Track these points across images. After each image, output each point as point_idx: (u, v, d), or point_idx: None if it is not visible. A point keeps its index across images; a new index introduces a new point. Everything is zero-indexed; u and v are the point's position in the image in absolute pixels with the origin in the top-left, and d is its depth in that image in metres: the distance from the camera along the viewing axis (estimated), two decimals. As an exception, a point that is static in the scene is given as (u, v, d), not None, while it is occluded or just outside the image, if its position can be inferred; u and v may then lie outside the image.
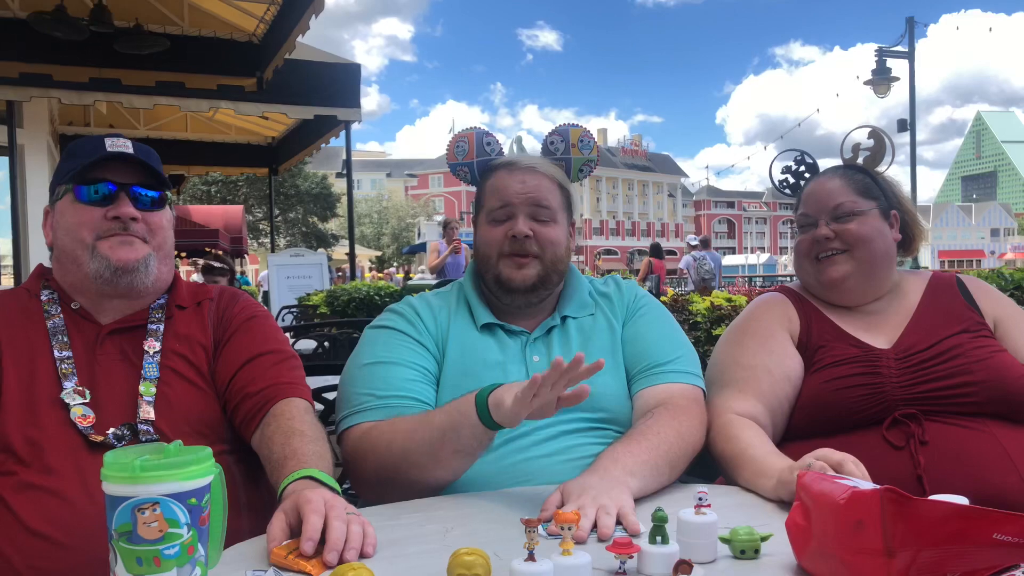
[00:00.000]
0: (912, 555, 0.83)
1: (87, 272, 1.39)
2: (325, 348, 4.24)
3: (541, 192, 1.53)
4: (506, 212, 1.54)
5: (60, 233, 1.42)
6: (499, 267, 1.53)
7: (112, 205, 1.39)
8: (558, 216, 1.56)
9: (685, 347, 1.59)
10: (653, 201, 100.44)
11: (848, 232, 1.62)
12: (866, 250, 1.62)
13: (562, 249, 1.56)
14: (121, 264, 1.38)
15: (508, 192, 1.54)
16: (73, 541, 1.22)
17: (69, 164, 1.42)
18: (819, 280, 1.66)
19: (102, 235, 1.39)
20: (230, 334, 1.48)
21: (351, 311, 6.43)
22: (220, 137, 10.36)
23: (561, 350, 1.53)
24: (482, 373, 1.47)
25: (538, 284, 1.53)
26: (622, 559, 0.91)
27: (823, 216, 1.65)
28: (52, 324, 1.39)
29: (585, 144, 1.65)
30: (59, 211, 1.43)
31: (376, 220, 60.11)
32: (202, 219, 17.87)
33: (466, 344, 1.53)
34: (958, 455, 1.40)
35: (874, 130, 1.79)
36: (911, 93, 14.89)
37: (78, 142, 1.48)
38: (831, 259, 1.63)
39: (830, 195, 1.66)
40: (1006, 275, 3.95)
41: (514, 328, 1.56)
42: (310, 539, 1.00)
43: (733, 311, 2.98)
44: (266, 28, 6.71)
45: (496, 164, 1.61)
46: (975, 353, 1.50)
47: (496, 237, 1.54)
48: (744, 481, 1.34)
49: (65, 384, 1.33)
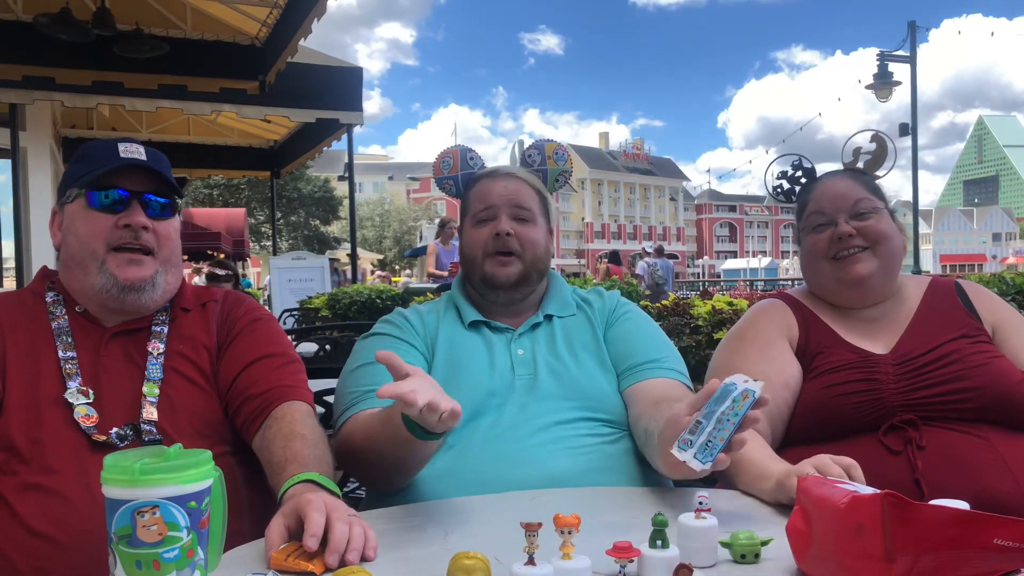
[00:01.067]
0: (912, 560, 0.82)
1: (93, 284, 1.40)
2: (326, 351, 4.24)
3: (521, 195, 1.65)
4: (489, 213, 1.64)
5: (70, 239, 1.42)
6: (484, 265, 1.63)
7: (124, 212, 1.40)
8: (537, 219, 1.67)
9: (670, 348, 1.66)
10: (655, 205, 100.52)
11: (870, 229, 1.60)
12: (888, 246, 1.61)
13: (541, 249, 1.66)
14: (128, 283, 1.39)
15: (491, 195, 1.65)
16: (75, 541, 1.22)
17: (82, 167, 1.42)
18: (840, 279, 1.62)
19: (112, 246, 1.39)
20: (234, 336, 1.49)
21: (353, 314, 6.44)
22: (222, 140, 10.39)
23: (546, 344, 1.61)
24: (469, 366, 1.55)
25: (520, 281, 1.63)
26: (622, 563, 0.91)
27: (842, 214, 1.62)
28: (57, 325, 1.39)
29: (559, 156, 1.79)
30: (69, 215, 1.43)
31: (378, 223, 60.21)
32: (204, 222, 17.90)
33: (454, 340, 1.61)
34: (954, 460, 1.39)
35: (876, 134, 1.78)
36: (913, 97, 14.91)
37: (90, 145, 1.48)
38: (854, 257, 1.60)
39: (848, 192, 1.64)
40: (1008, 279, 3.95)
41: (500, 325, 1.65)
42: (313, 535, 1.00)
43: (735, 315, 2.99)
44: (268, 31, 6.73)
45: (479, 174, 1.73)
46: (973, 359, 1.49)
47: (481, 237, 1.64)
48: (743, 485, 1.34)
49: (69, 384, 1.33)
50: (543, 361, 1.58)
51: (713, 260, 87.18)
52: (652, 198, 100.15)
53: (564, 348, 1.61)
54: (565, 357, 1.59)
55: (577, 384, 1.55)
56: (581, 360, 1.59)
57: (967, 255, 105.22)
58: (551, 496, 1.31)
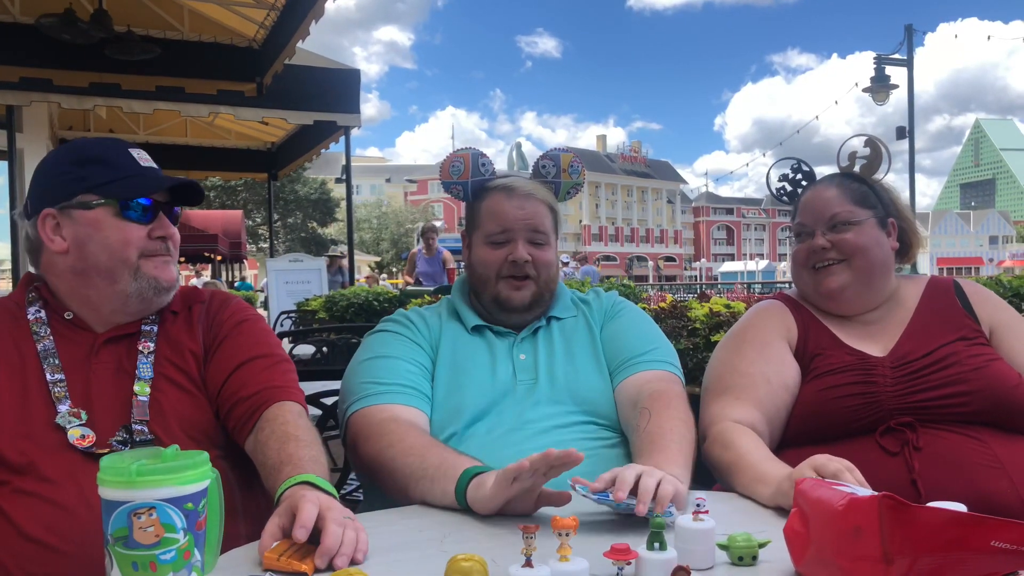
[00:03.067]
0: (910, 562, 0.83)
1: (124, 290, 1.38)
2: (324, 353, 4.24)
3: (538, 218, 1.63)
4: (505, 236, 1.62)
5: (94, 248, 1.37)
6: (498, 288, 1.62)
7: (156, 223, 1.41)
8: (551, 239, 1.66)
9: (660, 340, 1.67)
10: (652, 207, 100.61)
11: (844, 242, 1.62)
12: (863, 260, 1.62)
13: (554, 269, 1.67)
14: (168, 284, 1.41)
15: (507, 218, 1.62)
16: (70, 548, 1.21)
17: (98, 174, 1.38)
18: (817, 290, 1.66)
19: (144, 253, 1.39)
20: (221, 340, 1.47)
21: (350, 316, 6.42)
22: (220, 142, 10.37)
23: (545, 349, 1.62)
24: (472, 371, 1.56)
25: (534, 303, 1.64)
26: (620, 565, 0.91)
27: (819, 226, 1.64)
28: (43, 347, 1.36)
29: (574, 169, 1.75)
30: (90, 223, 1.37)
31: (375, 226, 60.15)
32: (201, 224, 17.89)
33: (457, 345, 1.62)
34: (951, 461, 1.40)
35: (870, 138, 1.78)
36: (910, 100, 14.95)
37: (95, 147, 1.43)
38: (828, 269, 1.63)
39: (826, 205, 1.65)
40: (1004, 282, 3.95)
41: (502, 330, 1.65)
42: (303, 526, 1.00)
43: (732, 317, 2.98)
44: (266, 33, 6.72)
45: (493, 186, 1.69)
46: (970, 362, 1.50)
47: (496, 260, 1.62)
48: (741, 488, 1.34)
49: (59, 408, 1.31)
50: (544, 366, 1.59)
51: (710, 263, 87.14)
52: (649, 201, 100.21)
53: (564, 352, 1.62)
54: (565, 361, 1.60)
55: (577, 389, 1.56)
56: (580, 364, 1.60)
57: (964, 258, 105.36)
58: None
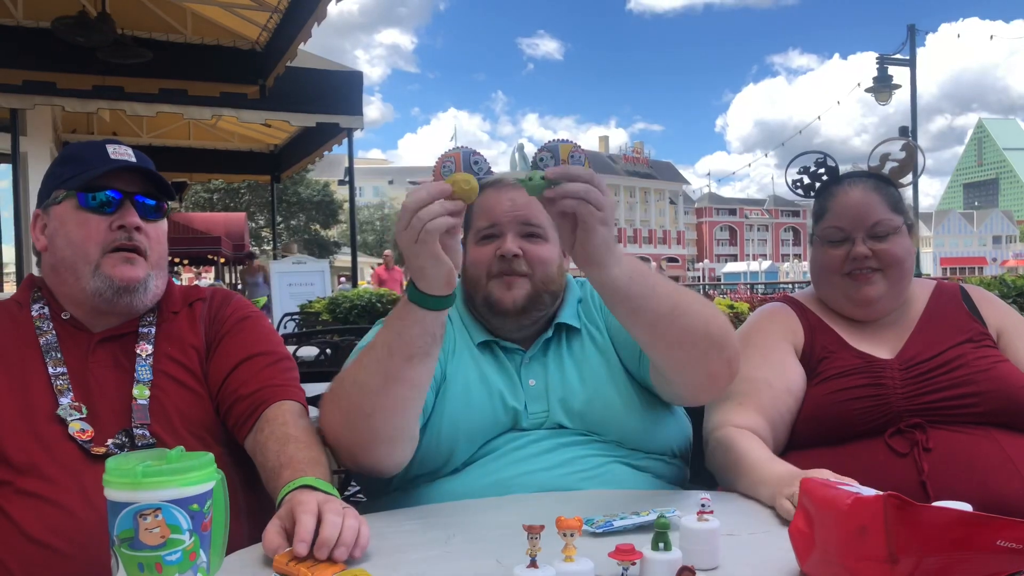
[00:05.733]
0: (915, 561, 0.82)
1: (86, 288, 1.37)
2: (327, 355, 4.24)
3: (530, 209, 1.46)
4: (494, 230, 1.48)
5: (60, 242, 1.39)
6: (488, 288, 1.48)
7: (117, 213, 1.38)
8: (548, 233, 1.48)
9: None
10: (655, 208, 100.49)
11: (886, 252, 1.58)
12: (899, 270, 1.59)
13: (554, 267, 1.49)
14: (124, 283, 1.36)
15: (496, 211, 1.48)
16: (73, 550, 1.21)
17: (69, 169, 1.40)
18: (850, 296, 1.61)
19: (107, 248, 1.37)
20: (222, 336, 1.46)
21: (353, 318, 6.42)
22: (223, 144, 10.40)
23: (556, 369, 1.48)
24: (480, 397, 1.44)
25: (528, 306, 1.46)
26: (625, 565, 0.91)
27: (859, 232, 1.60)
28: (45, 341, 1.36)
29: (576, 159, 1.50)
30: (57, 217, 1.39)
31: (378, 228, 60.19)
32: (204, 226, 17.92)
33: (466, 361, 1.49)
34: (961, 461, 1.39)
35: (908, 143, 1.73)
36: (912, 100, 14.91)
37: (76, 146, 1.45)
38: (866, 277, 1.59)
39: (869, 211, 1.60)
40: (1008, 282, 3.95)
41: (509, 346, 1.51)
42: (303, 540, 0.99)
43: (736, 318, 2.99)
44: (269, 36, 6.74)
45: (483, 183, 1.51)
46: (978, 363, 1.49)
47: (484, 257, 1.48)
48: (743, 488, 1.34)
49: (61, 400, 1.31)
50: (555, 394, 1.46)
51: (713, 263, 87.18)
52: (652, 201, 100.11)
53: (574, 369, 1.48)
54: (577, 383, 1.46)
55: (591, 414, 1.44)
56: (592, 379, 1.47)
57: (967, 258, 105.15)
58: (553, 499, 1.31)
